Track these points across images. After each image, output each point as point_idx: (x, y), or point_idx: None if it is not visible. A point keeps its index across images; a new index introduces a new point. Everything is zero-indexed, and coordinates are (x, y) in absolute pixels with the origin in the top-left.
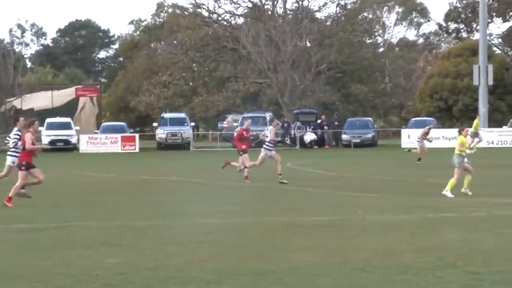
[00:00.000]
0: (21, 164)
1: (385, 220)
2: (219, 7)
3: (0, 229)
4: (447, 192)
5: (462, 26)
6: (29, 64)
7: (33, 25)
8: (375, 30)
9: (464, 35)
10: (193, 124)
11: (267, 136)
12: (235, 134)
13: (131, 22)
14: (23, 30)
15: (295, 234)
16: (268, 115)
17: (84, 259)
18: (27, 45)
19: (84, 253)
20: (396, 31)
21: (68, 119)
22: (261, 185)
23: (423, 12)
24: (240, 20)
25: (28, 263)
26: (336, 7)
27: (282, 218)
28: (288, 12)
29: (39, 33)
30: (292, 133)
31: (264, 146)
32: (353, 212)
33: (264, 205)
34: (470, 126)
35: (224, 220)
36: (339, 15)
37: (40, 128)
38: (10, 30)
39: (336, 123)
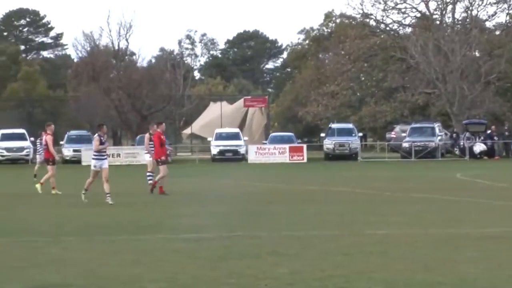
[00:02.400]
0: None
1: None
2: (387, 16)
3: (168, 239)
4: None
5: None
6: (198, 75)
7: (203, 35)
8: None
9: None
10: (361, 134)
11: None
12: (403, 144)
13: (301, 32)
14: (193, 42)
15: (463, 245)
16: (437, 126)
17: (253, 269)
18: (196, 56)
19: (252, 263)
20: None
21: (237, 130)
22: (427, 196)
23: None
24: (408, 30)
25: (195, 272)
26: (506, 16)
27: (450, 230)
28: (457, 21)
29: (210, 44)
30: (462, 143)
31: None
32: None
33: (431, 216)
34: None
35: (392, 231)
36: (509, 24)
37: (209, 139)
38: (180, 41)
39: (506, 133)
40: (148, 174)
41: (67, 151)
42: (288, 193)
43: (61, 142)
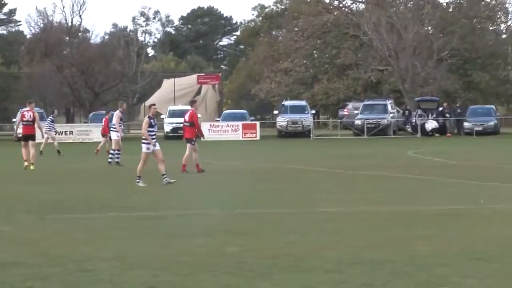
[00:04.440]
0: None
1: (507, 209)
2: None
3: (120, 217)
4: None
5: None
6: (151, 52)
7: (156, 12)
8: (498, 16)
9: None
10: (313, 111)
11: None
12: (355, 122)
13: (254, 8)
14: (147, 18)
15: (414, 223)
16: (389, 103)
17: (204, 247)
18: (150, 33)
19: (204, 241)
20: None
21: (188, 107)
22: (379, 174)
23: None
24: (362, 6)
25: (147, 250)
26: None
27: (402, 207)
28: None
29: (165, 21)
30: (413, 120)
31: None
32: (475, 201)
33: (383, 194)
34: None
35: (344, 209)
36: (461, 1)
37: (162, 116)
38: (134, 18)
39: (458, 110)
40: (112, 152)
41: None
42: (241, 171)
43: (14, 119)
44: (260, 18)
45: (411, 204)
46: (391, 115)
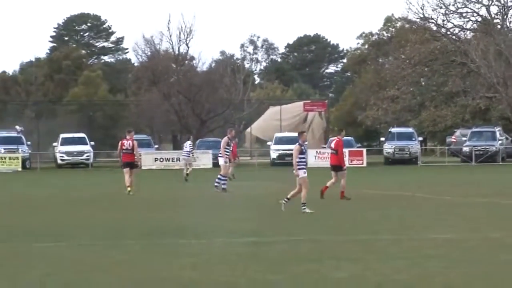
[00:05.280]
0: None
1: None
2: (448, 21)
3: (226, 242)
4: None
5: None
6: (257, 80)
7: (265, 40)
8: None
9: None
10: (421, 138)
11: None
12: (463, 149)
13: (360, 36)
14: (255, 46)
15: None
16: (498, 130)
17: (312, 273)
18: (257, 61)
19: (311, 267)
20: None
21: (295, 134)
22: (487, 200)
23: None
24: (469, 34)
25: (255, 276)
26: None
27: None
28: None
29: (270, 49)
30: None
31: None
32: None
33: (491, 220)
34: None
35: (452, 235)
36: None
37: (268, 143)
38: (242, 45)
39: None
40: (219, 177)
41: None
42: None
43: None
44: (367, 46)
45: None
46: (500, 142)
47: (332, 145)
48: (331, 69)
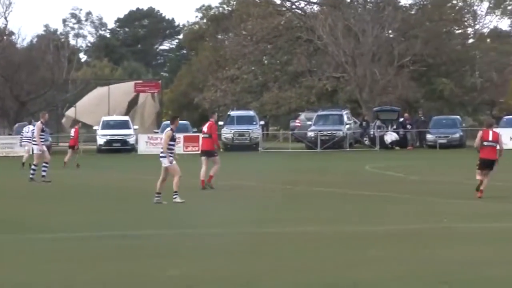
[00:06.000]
0: None
1: (471, 229)
2: None
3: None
4: None
5: None
6: (84, 57)
7: (88, 14)
8: (465, 19)
9: None
10: (262, 122)
11: None
12: (308, 134)
13: (198, 10)
14: (79, 20)
15: (367, 245)
16: (345, 113)
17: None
18: (84, 37)
19: (127, 264)
20: (488, 20)
21: (125, 118)
22: (331, 190)
23: None
24: (316, 8)
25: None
26: None
27: (356, 227)
28: None
29: (98, 24)
30: (372, 132)
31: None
32: (438, 220)
33: (337, 212)
34: None
35: (290, 229)
36: (425, 2)
37: (95, 127)
38: (64, 20)
39: (422, 118)
40: (33, 168)
41: None
42: (181, 188)
43: None
44: (205, 21)
45: (363, 223)
46: (347, 126)
47: (205, 128)
48: (166, 45)
